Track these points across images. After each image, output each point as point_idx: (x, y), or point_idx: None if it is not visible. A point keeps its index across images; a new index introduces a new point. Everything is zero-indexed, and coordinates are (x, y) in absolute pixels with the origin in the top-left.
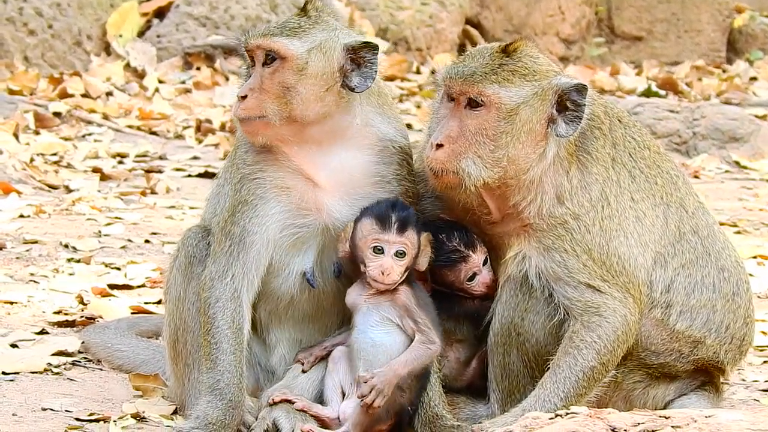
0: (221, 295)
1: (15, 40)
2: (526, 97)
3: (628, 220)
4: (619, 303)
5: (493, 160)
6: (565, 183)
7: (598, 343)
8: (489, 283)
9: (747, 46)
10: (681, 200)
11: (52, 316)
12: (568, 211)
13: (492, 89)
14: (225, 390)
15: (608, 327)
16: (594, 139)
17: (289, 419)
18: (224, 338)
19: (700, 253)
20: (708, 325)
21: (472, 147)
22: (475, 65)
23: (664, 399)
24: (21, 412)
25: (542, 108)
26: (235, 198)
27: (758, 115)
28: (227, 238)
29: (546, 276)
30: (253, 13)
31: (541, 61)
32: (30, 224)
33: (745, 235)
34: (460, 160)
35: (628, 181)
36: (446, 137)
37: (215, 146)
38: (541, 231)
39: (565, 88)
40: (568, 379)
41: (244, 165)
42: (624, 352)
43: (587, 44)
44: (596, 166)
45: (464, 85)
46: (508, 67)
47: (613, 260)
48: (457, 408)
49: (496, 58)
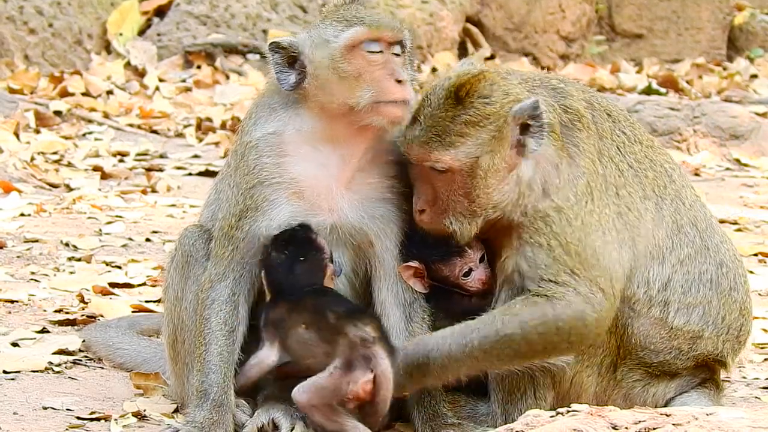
0: (218, 296)
1: (15, 39)
2: (483, 145)
3: (608, 216)
4: (581, 299)
5: (474, 212)
6: (554, 178)
7: (525, 319)
8: (485, 280)
9: (747, 44)
10: (677, 192)
11: (53, 314)
12: (552, 204)
13: (448, 154)
14: (209, 390)
15: (548, 312)
16: (578, 131)
17: (288, 417)
18: (214, 340)
19: (699, 247)
20: (705, 318)
21: (449, 207)
22: (428, 126)
23: (665, 397)
24: (22, 410)
25: (504, 144)
26: (244, 204)
27: (759, 113)
28: (230, 242)
29: (521, 273)
30: (253, 11)
31: (494, 98)
32: (30, 223)
33: (746, 233)
34: (444, 219)
35: (615, 175)
36: (424, 202)
37: (216, 145)
38: (523, 226)
39: (520, 114)
40: (478, 330)
41: (260, 171)
42: (569, 348)
43: (588, 42)
44: (584, 158)
45: (421, 153)
46: (460, 119)
47: (588, 253)
48: (457, 406)
49: (448, 109)
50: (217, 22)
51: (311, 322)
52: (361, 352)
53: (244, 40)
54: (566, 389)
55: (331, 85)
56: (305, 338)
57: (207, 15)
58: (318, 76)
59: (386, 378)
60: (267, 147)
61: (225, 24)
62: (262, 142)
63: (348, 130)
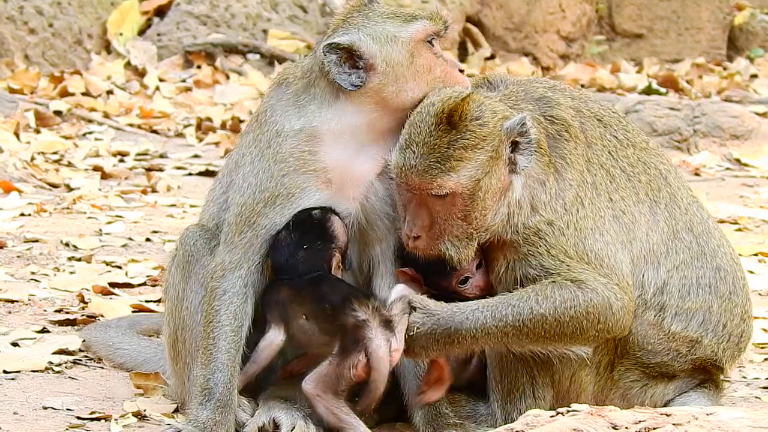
0: (230, 287)
1: (15, 39)
2: (483, 166)
3: (604, 219)
4: (603, 286)
5: (470, 235)
6: (541, 194)
7: (559, 301)
8: (483, 286)
9: (747, 44)
10: (672, 195)
11: (53, 314)
12: (542, 219)
13: (451, 180)
14: (214, 389)
15: (579, 296)
16: (565, 142)
17: (289, 417)
18: (222, 335)
19: (696, 253)
20: (704, 325)
21: (446, 231)
22: (424, 154)
23: (664, 398)
24: (22, 410)
25: (499, 164)
26: (275, 190)
27: (759, 113)
28: (250, 228)
29: (532, 279)
30: (253, 11)
31: (485, 118)
32: (31, 223)
33: (746, 233)
34: (440, 244)
35: (606, 181)
36: (420, 228)
37: (216, 144)
38: (517, 243)
39: (510, 131)
40: (513, 306)
41: (296, 160)
42: (596, 336)
43: (588, 42)
44: (570, 171)
45: (421, 181)
46: (458, 144)
47: (591, 256)
48: (458, 406)
49: (443, 135)
50: (217, 21)
51: (310, 313)
52: (352, 336)
53: (244, 40)
54: (565, 388)
55: (404, 79)
56: (306, 329)
57: (207, 15)
58: (388, 73)
59: (378, 358)
60: (305, 137)
61: (225, 24)
62: (301, 133)
63: (394, 122)
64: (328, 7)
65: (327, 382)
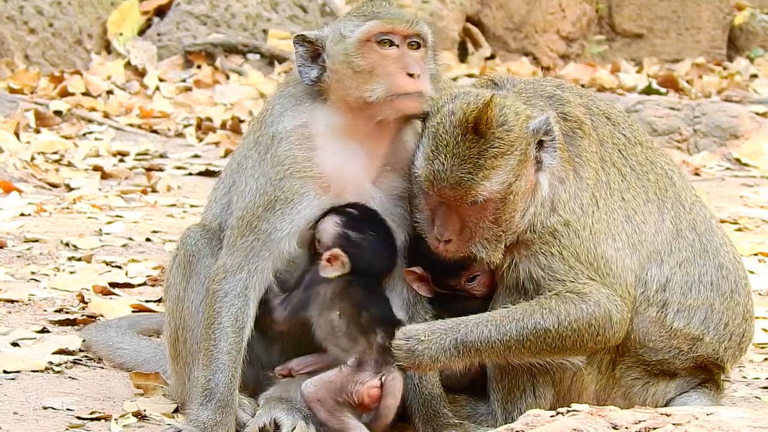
0: (231, 289)
1: (15, 39)
2: (513, 170)
3: (617, 221)
4: (606, 298)
5: (499, 237)
6: (561, 193)
7: (563, 315)
8: (489, 283)
9: (747, 44)
10: (677, 195)
11: (53, 314)
12: (560, 219)
13: (485, 189)
14: (215, 390)
15: (583, 310)
16: (579, 139)
17: (290, 417)
18: (224, 336)
19: (698, 251)
20: (706, 323)
21: (477, 233)
22: (455, 165)
23: (665, 397)
24: (22, 410)
25: (527, 164)
26: (273, 195)
27: (759, 113)
28: (252, 232)
29: (535, 279)
30: (253, 11)
31: (511, 122)
32: (31, 223)
33: (746, 233)
34: (470, 246)
35: (618, 180)
36: (452, 232)
37: (216, 144)
38: (530, 240)
39: (537, 132)
40: (516, 321)
41: (291, 163)
42: (594, 347)
43: (588, 42)
44: (587, 169)
45: (455, 192)
46: (488, 153)
47: (600, 263)
48: (458, 406)
49: (471, 146)
50: (217, 21)
51: (346, 313)
52: (375, 356)
53: (244, 40)
54: (566, 387)
55: (347, 79)
56: (335, 324)
57: (207, 15)
58: (336, 71)
59: (395, 387)
60: (297, 139)
61: (225, 24)
62: (293, 134)
63: (368, 124)
64: (328, 7)
65: (329, 388)
